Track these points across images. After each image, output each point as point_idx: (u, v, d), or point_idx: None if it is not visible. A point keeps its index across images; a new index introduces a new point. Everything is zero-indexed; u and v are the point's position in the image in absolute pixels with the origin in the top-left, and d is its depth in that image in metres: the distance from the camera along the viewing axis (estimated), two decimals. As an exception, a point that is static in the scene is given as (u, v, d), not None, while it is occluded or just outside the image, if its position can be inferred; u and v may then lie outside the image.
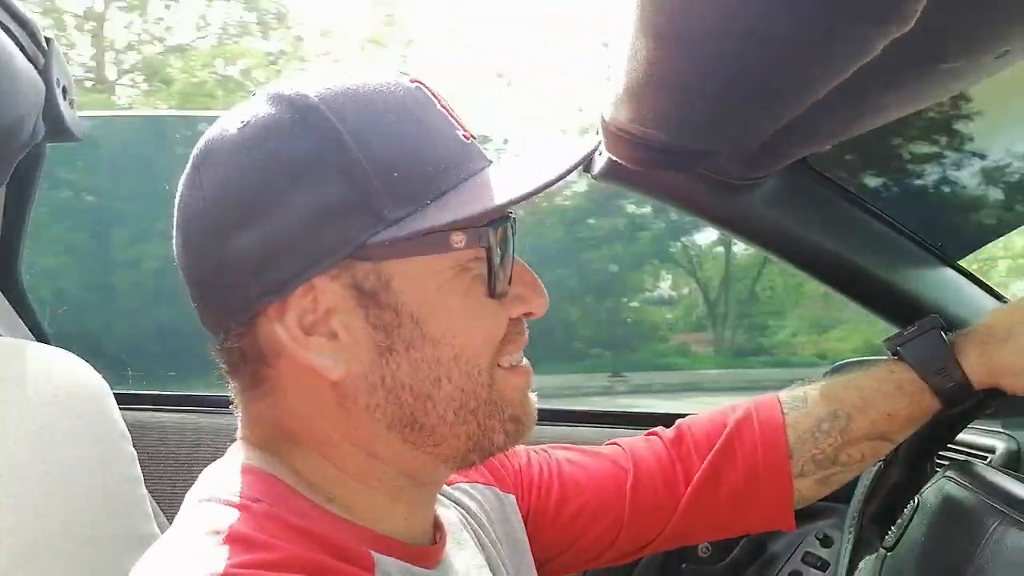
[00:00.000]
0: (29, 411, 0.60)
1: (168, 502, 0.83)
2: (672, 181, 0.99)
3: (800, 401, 0.74)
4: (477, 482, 0.69)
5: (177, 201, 0.49)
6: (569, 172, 0.49)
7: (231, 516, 0.44)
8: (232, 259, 0.46)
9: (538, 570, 0.71)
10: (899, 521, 0.79)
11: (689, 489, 0.72)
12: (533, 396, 0.54)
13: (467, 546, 0.60)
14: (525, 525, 0.71)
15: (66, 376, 0.68)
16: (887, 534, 0.80)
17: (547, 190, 0.47)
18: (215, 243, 0.46)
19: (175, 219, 0.50)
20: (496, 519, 0.68)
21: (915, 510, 0.78)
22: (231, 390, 0.52)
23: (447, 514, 0.60)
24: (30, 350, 0.67)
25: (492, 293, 0.50)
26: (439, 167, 0.47)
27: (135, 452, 0.75)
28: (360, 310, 0.47)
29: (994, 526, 0.65)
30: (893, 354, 0.73)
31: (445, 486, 0.64)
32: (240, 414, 0.52)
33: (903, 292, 1.07)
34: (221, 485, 0.48)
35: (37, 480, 0.59)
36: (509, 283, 0.51)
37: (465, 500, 0.66)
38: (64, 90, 0.90)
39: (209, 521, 0.44)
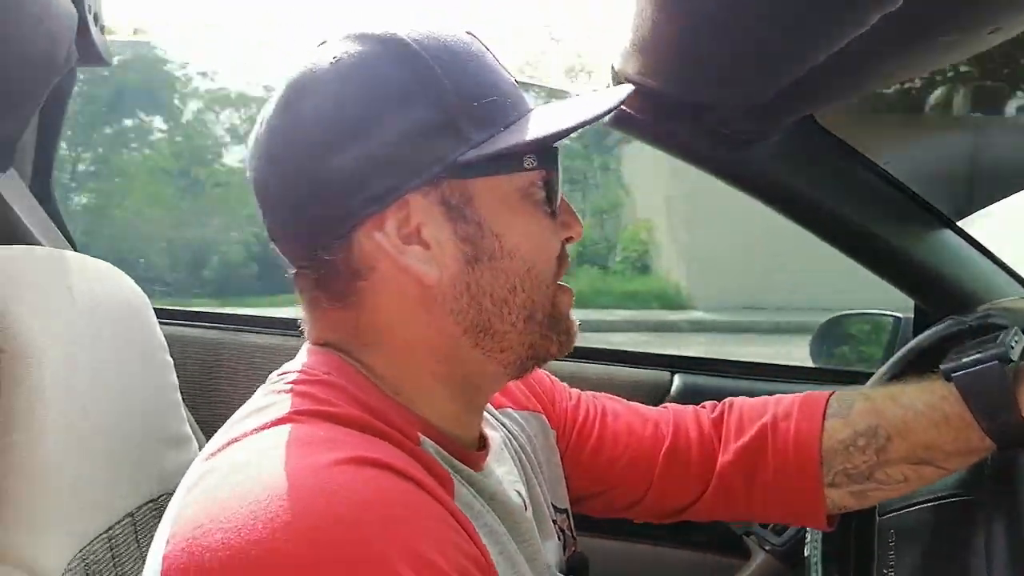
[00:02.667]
0: (77, 316, 0.65)
1: (193, 408, 0.90)
2: (677, 132, 1.02)
3: (845, 407, 0.71)
4: (526, 409, 0.74)
5: (263, 134, 0.54)
6: (612, 109, 0.55)
7: (299, 381, 0.51)
8: (332, 177, 0.51)
9: (573, 505, 0.75)
10: None
11: (718, 471, 0.73)
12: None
13: (506, 463, 0.65)
14: (562, 462, 0.76)
15: (109, 285, 0.74)
16: None
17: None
18: (314, 164, 0.51)
19: (262, 150, 0.54)
20: (540, 446, 0.72)
21: None
22: (305, 307, 0.57)
23: (492, 434, 0.65)
24: (74, 260, 0.73)
25: (550, 210, 0.56)
26: (507, 100, 0.54)
27: (171, 360, 0.82)
28: (448, 224, 0.52)
29: None
30: (947, 379, 0.66)
31: (493, 409, 0.70)
32: (312, 326, 0.57)
33: (903, 252, 1.10)
34: (292, 366, 0.55)
35: (85, 380, 0.64)
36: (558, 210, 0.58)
37: (511, 424, 0.70)
38: (95, 16, 0.94)
39: (279, 386, 0.52)
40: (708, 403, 0.81)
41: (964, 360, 0.65)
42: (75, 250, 1.11)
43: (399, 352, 0.55)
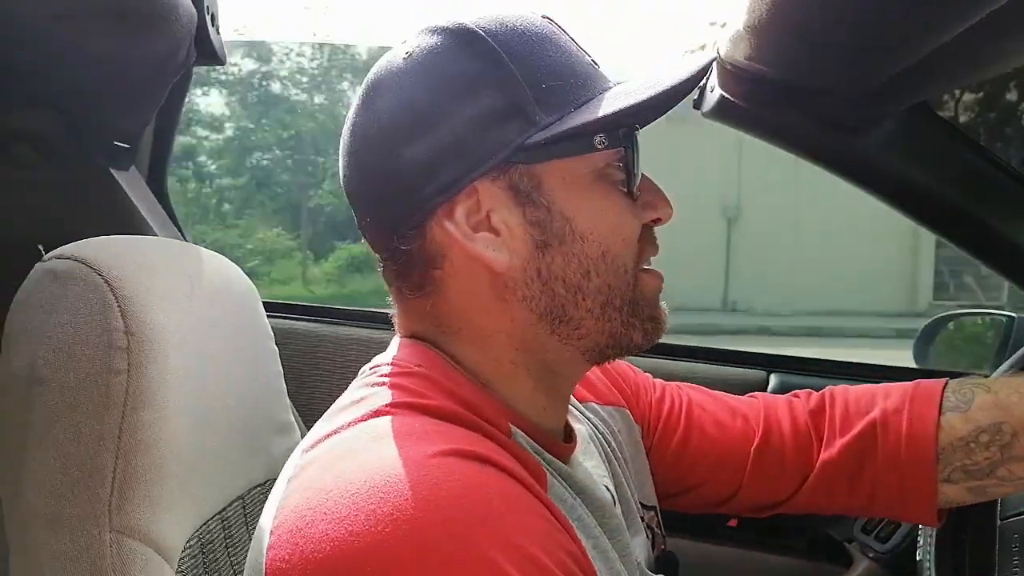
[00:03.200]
0: (196, 304, 0.68)
1: (291, 398, 0.92)
2: (784, 121, 0.99)
3: (964, 402, 0.68)
4: (610, 403, 0.73)
5: (347, 132, 0.56)
6: (695, 79, 0.53)
7: (392, 374, 0.53)
8: (405, 168, 0.52)
9: (662, 501, 0.74)
10: None
11: (819, 467, 0.71)
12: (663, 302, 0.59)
13: (594, 457, 0.64)
14: (647, 457, 0.74)
15: (223, 276, 0.76)
16: None
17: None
18: (389, 156, 0.52)
19: (346, 147, 0.56)
20: (624, 441, 0.71)
21: None
22: (392, 299, 0.59)
23: (578, 427, 0.64)
24: (192, 251, 0.76)
25: (630, 192, 0.55)
26: (578, 81, 0.53)
27: (277, 350, 0.84)
28: (517, 208, 0.52)
29: None
30: None
31: (578, 402, 0.69)
32: (399, 318, 0.59)
33: (1021, 246, 1.04)
34: (384, 358, 0.56)
35: (203, 365, 0.67)
36: (639, 191, 0.56)
37: (595, 419, 0.70)
38: (212, 17, 0.98)
39: (372, 379, 0.53)
40: (803, 392, 0.78)
41: None
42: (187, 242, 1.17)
43: (479, 340, 0.55)
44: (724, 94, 0.93)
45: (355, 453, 0.45)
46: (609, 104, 0.52)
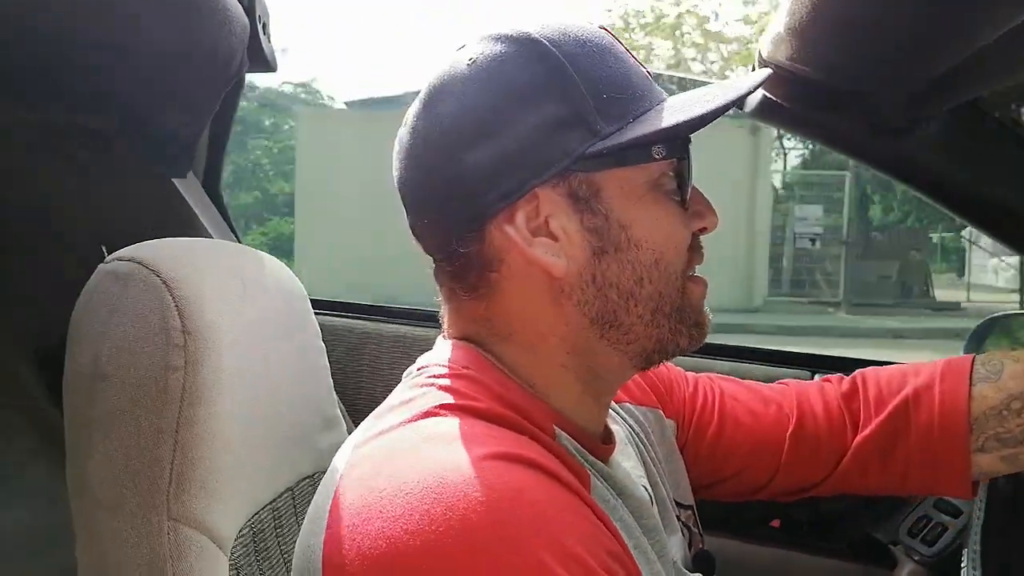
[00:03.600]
0: (248, 304, 0.71)
1: (337, 394, 0.95)
2: (829, 122, 0.98)
3: (994, 372, 0.70)
4: (643, 404, 0.74)
5: (406, 135, 0.57)
6: (748, 94, 0.54)
7: (441, 375, 0.54)
8: (467, 173, 0.53)
9: (698, 491, 0.76)
10: None
11: (854, 448, 0.73)
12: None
13: (631, 458, 0.66)
14: (682, 453, 0.76)
15: (274, 276, 0.79)
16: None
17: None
18: (452, 161, 0.53)
19: (404, 149, 0.57)
20: (657, 440, 0.72)
21: None
22: (443, 300, 0.60)
23: (615, 428, 0.65)
24: (244, 252, 0.79)
25: (683, 202, 0.56)
26: (637, 92, 0.55)
27: (324, 347, 0.87)
28: (576, 215, 0.54)
29: None
30: None
31: (614, 403, 0.69)
32: (449, 318, 0.60)
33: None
34: (432, 359, 0.58)
35: (256, 363, 0.70)
36: (689, 201, 0.57)
37: (630, 419, 0.71)
38: (263, 26, 1.01)
39: (421, 379, 0.55)
40: (834, 376, 0.79)
41: None
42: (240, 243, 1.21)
43: (530, 343, 0.56)
44: (767, 95, 0.92)
45: (407, 453, 0.47)
46: (668, 117, 0.53)
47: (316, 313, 0.92)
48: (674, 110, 0.54)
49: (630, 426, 0.70)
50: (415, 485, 0.43)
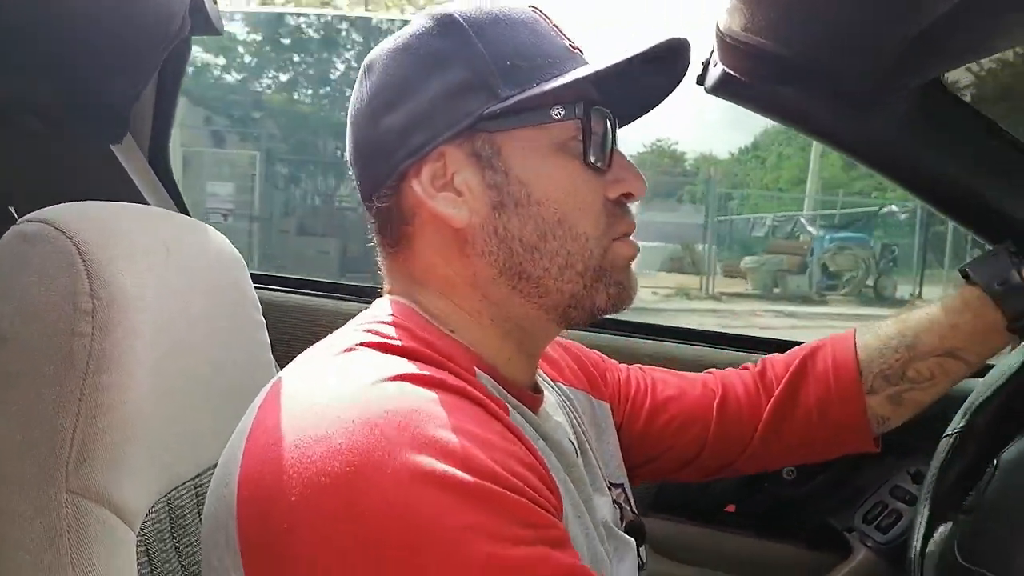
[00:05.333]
0: (171, 270, 0.67)
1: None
2: (790, 99, 0.96)
3: (874, 327, 0.80)
4: (574, 386, 0.77)
5: (351, 105, 0.63)
6: (647, 53, 0.56)
7: (368, 322, 0.58)
8: (384, 134, 0.59)
9: (631, 477, 0.77)
10: (978, 484, 0.78)
11: (767, 411, 0.79)
12: (635, 272, 0.63)
13: (561, 419, 0.67)
14: (619, 433, 0.79)
15: (208, 245, 0.76)
16: (964, 501, 0.79)
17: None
18: (374, 123, 0.59)
19: (349, 118, 0.63)
20: (588, 420, 0.74)
21: (994, 471, 0.76)
22: (379, 259, 0.64)
23: (548, 394, 0.68)
24: (173, 218, 0.75)
25: (586, 162, 0.58)
26: (547, 61, 0.58)
27: (264, 320, 0.84)
28: (479, 172, 0.58)
29: None
30: (963, 276, 0.76)
31: (548, 379, 0.72)
32: (384, 274, 0.65)
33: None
34: (368, 311, 0.62)
35: (177, 331, 0.66)
36: (608, 165, 0.60)
37: (561, 395, 0.73)
38: (209, -14, 0.97)
39: (349, 327, 0.59)
40: (747, 364, 0.86)
41: (977, 257, 0.76)
42: (187, 213, 1.17)
43: (445, 289, 0.60)
44: (726, 69, 0.90)
45: (321, 380, 0.50)
46: (565, 78, 0.56)
47: (267, 288, 0.89)
48: (574, 73, 0.56)
49: (562, 399, 0.71)
50: (325, 401, 0.47)
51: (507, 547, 0.41)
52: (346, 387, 0.48)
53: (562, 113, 0.57)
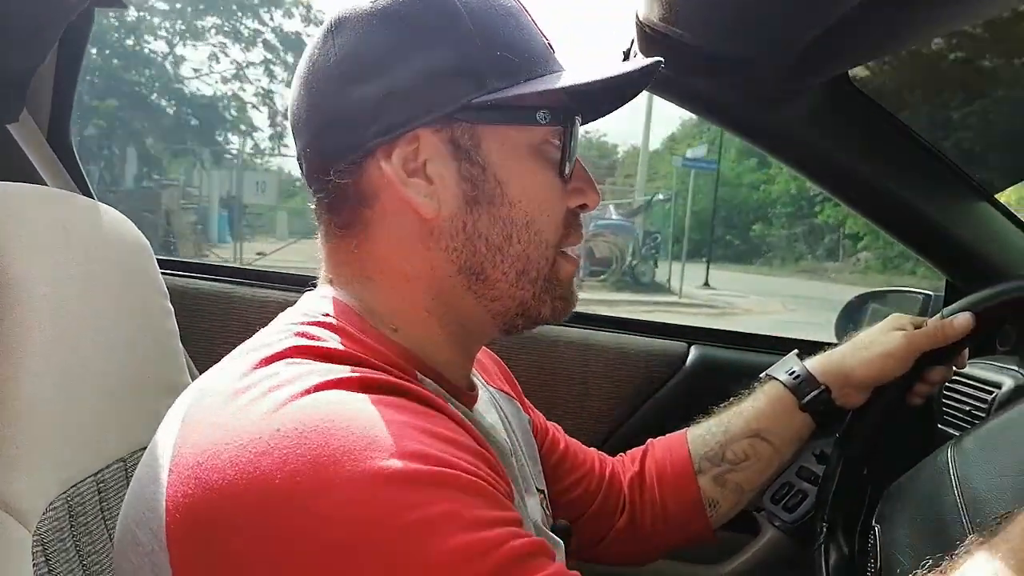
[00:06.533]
0: (70, 255, 0.64)
1: (202, 360, 0.89)
2: (707, 91, 0.98)
3: (698, 424, 0.87)
4: (502, 390, 0.76)
5: (304, 62, 0.57)
6: (640, 74, 0.55)
7: (300, 322, 0.53)
8: (352, 107, 0.53)
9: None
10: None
11: (627, 486, 0.84)
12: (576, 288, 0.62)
13: (494, 416, 0.67)
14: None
15: (110, 229, 0.72)
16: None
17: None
18: (340, 91, 0.54)
19: (300, 76, 0.57)
20: (515, 424, 0.73)
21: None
22: (320, 239, 0.59)
23: (481, 392, 0.66)
24: (76, 201, 0.71)
25: (561, 173, 0.57)
26: (533, 57, 0.55)
27: (172, 308, 0.81)
28: (454, 162, 0.54)
29: None
30: (765, 377, 0.87)
31: (480, 378, 0.71)
32: (324, 260, 0.59)
33: (940, 225, 1.05)
34: (301, 306, 0.57)
35: (77, 319, 0.63)
36: (571, 175, 0.58)
37: (492, 396, 0.72)
38: (112, -43, 0.92)
39: (277, 326, 0.54)
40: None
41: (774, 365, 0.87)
42: (91, 196, 1.11)
43: (396, 284, 0.56)
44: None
45: (254, 395, 0.45)
46: (557, 82, 0.54)
47: (179, 275, 0.86)
48: (564, 79, 0.54)
49: (492, 399, 0.70)
50: (259, 416, 0.43)
51: (477, 531, 0.41)
52: (282, 395, 0.44)
53: (547, 118, 0.55)
